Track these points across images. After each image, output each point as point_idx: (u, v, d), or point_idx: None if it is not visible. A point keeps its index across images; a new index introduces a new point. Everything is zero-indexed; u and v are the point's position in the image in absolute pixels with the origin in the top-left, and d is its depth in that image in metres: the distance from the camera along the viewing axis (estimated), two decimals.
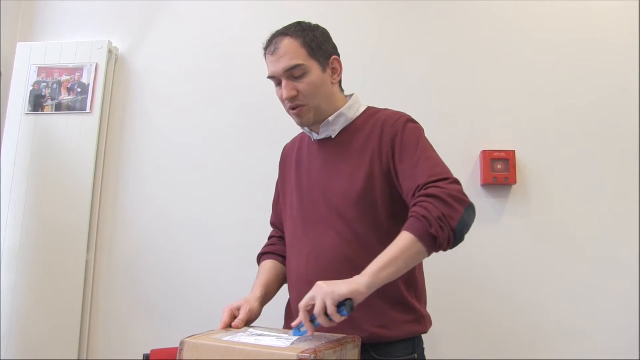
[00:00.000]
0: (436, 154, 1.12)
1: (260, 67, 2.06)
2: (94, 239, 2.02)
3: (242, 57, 2.10)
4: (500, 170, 1.84)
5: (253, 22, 2.13)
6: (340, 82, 1.25)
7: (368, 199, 1.12)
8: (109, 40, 2.13)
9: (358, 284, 0.92)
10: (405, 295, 1.11)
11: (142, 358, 1.53)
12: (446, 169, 1.09)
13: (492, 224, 1.86)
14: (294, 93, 1.15)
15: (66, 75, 2.11)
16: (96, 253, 2.02)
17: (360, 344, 0.99)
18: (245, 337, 0.90)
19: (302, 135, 1.35)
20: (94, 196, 2.03)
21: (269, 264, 1.28)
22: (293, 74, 1.15)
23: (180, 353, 0.86)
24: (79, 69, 2.11)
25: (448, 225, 0.97)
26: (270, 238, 1.39)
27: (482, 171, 1.85)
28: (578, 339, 1.76)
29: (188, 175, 2.05)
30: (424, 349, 1.17)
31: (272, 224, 1.40)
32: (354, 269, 1.04)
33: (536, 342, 1.77)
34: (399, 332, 1.10)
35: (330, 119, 1.19)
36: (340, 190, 1.14)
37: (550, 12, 1.97)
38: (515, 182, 1.84)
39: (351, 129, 1.21)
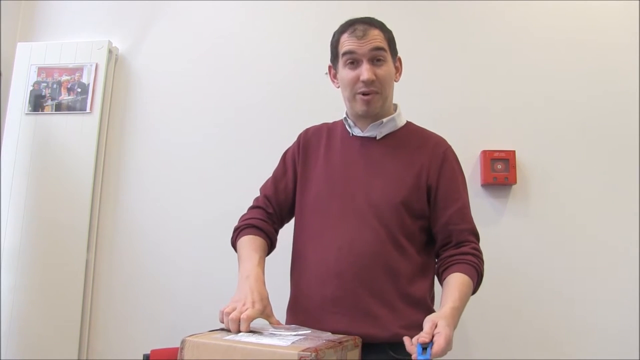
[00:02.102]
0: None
1: (260, 67, 2.08)
2: (94, 239, 2.02)
3: (243, 57, 2.10)
4: (500, 170, 1.84)
5: (253, 22, 2.13)
6: None
7: (409, 207, 1.16)
8: (109, 40, 2.12)
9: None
10: (427, 299, 1.15)
11: (142, 358, 1.53)
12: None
13: (492, 224, 1.86)
14: (373, 77, 1.16)
15: (66, 75, 2.11)
16: (96, 253, 2.02)
17: (360, 343, 0.99)
18: (246, 336, 0.90)
19: (328, 126, 1.34)
20: (94, 196, 2.03)
21: (257, 242, 1.21)
22: (376, 56, 1.17)
23: (181, 352, 0.85)
24: (79, 69, 2.11)
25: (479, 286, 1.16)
26: (255, 208, 1.31)
27: (482, 171, 1.85)
28: (578, 339, 1.76)
29: (188, 175, 2.05)
30: None
31: (266, 195, 1.31)
32: (385, 268, 1.12)
33: (536, 342, 1.77)
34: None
35: (384, 120, 1.22)
36: (385, 192, 1.16)
37: (550, 12, 1.97)
38: (515, 182, 1.84)
39: (396, 136, 1.24)
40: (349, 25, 1.21)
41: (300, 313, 1.19)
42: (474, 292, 1.12)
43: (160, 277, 1.98)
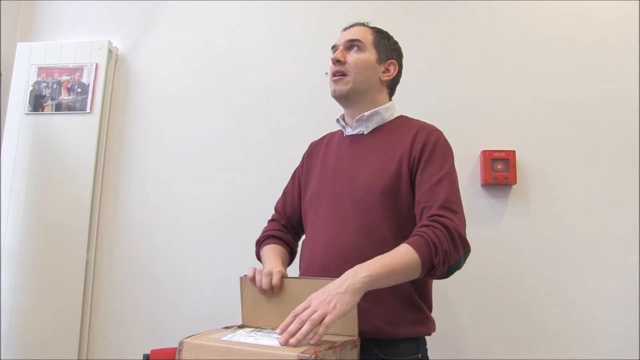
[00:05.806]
0: (457, 180, 1.15)
1: (260, 67, 2.08)
2: (94, 239, 2.02)
3: (243, 56, 2.10)
4: (500, 170, 1.84)
5: (253, 22, 2.13)
6: (392, 90, 1.33)
7: (392, 195, 1.15)
8: (109, 40, 2.13)
9: (359, 291, 0.94)
10: (414, 295, 1.13)
11: (142, 358, 1.53)
12: (460, 201, 1.12)
13: (492, 224, 1.85)
14: (343, 58, 1.24)
15: (66, 75, 2.11)
16: (96, 253, 2.02)
17: (359, 344, 0.99)
18: (244, 337, 0.90)
19: (331, 135, 1.39)
20: (94, 196, 2.03)
21: (278, 249, 1.27)
22: (351, 45, 1.25)
23: (179, 353, 0.85)
24: (79, 69, 2.11)
25: (447, 262, 1.02)
26: (271, 221, 1.39)
27: (482, 171, 1.85)
28: (578, 339, 1.75)
29: (188, 176, 2.05)
30: (427, 349, 1.18)
31: (277, 209, 1.40)
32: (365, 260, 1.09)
33: (536, 342, 1.77)
34: (404, 331, 1.11)
35: (366, 114, 1.24)
36: (366, 184, 1.17)
37: (550, 12, 1.97)
38: (515, 182, 1.84)
39: (384, 129, 1.26)
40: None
41: None
42: (435, 266, 1.00)
43: (160, 277, 1.98)
